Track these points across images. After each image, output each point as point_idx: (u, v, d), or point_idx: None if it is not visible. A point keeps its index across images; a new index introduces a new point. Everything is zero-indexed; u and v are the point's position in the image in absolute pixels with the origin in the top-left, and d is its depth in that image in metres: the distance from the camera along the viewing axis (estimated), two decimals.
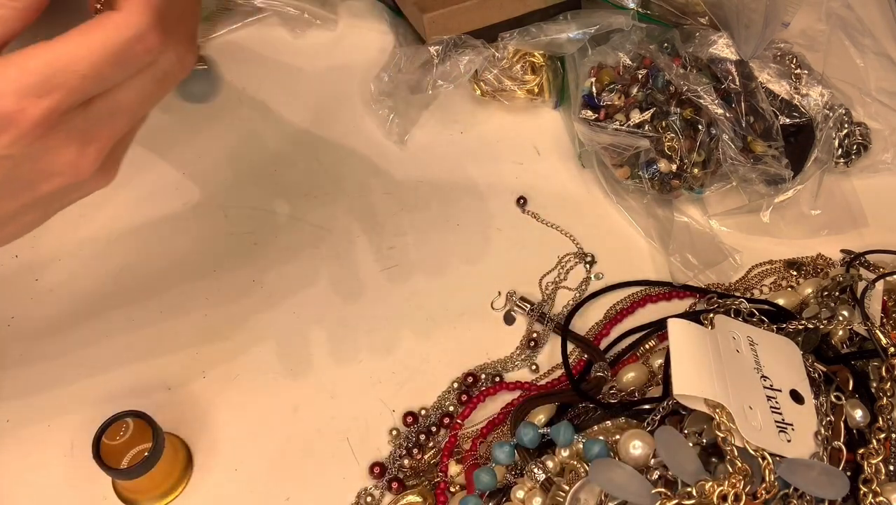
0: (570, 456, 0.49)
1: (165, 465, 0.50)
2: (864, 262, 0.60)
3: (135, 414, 0.50)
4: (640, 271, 0.62)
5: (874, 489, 0.47)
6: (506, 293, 0.61)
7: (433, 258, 0.63)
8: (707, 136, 0.62)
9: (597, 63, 0.66)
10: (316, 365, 0.58)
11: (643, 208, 0.64)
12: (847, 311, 0.54)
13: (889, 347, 0.52)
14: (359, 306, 0.61)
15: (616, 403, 0.54)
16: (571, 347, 0.58)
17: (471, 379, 0.57)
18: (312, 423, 0.56)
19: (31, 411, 0.56)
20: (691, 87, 0.62)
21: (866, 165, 0.67)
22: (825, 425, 0.49)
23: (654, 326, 0.59)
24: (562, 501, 0.46)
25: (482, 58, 0.66)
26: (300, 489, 0.53)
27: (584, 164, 0.67)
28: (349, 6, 0.77)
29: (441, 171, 0.68)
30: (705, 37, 0.65)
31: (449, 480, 0.53)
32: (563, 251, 0.63)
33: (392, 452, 0.54)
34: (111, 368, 0.57)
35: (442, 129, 0.70)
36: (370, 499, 0.53)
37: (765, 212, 0.63)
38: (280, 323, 0.60)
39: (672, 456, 0.45)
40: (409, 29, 0.72)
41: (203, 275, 0.62)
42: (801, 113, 0.65)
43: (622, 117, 0.63)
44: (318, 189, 0.66)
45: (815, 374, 0.52)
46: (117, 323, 0.59)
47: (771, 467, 0.46)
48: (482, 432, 0.55)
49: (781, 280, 0.62)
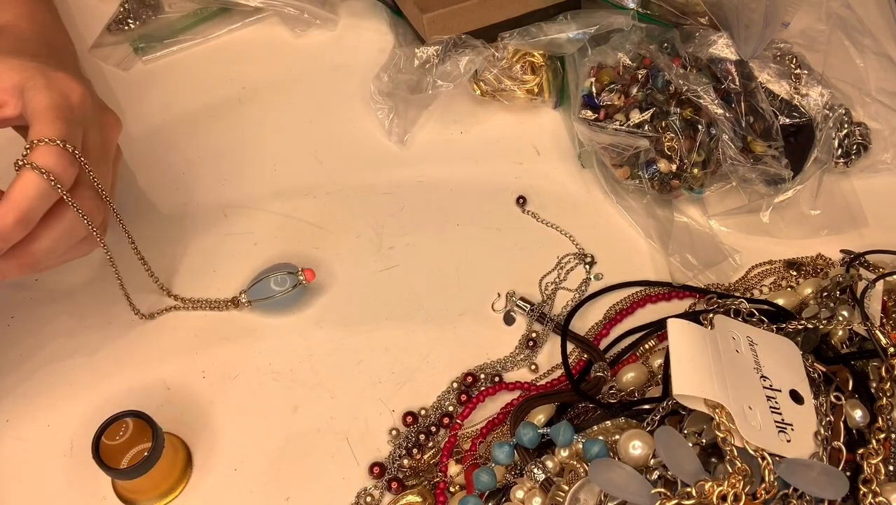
0: (570, 456, 0.49)
1: (165, 465, 0.50)
2: (863, 262, 0.60)
3: (135, 414, 0.50)
4: (639, 272, 0.62)
5: (874, 489, 0.47)
6: (506, 293, 0.61)
7: (433, 258, 0.63)
8: (707, 136, 0.62)
9: (597, 63, 0.66)
10: (316, 365, 0.58)
11: (643, 208, 0.64)
12: (847, 311, 0.54)
13: (889, 347, 0.52)
14: (359, 306, 0.61)
15: (616, 403, 0.54)
16: (571, 347, 0.58)
17: (470, 379, 0.57)
18: (312, 423, 0.56)
19: (31, 411, 0.56)
20: (691, 87, 0.62)
21: (866, 165, 0.67)
22: (825, 425, 0.49)
23: (653, 327, 0.59)
24: (561, 501, 0.46)
25: (482, 58, 0.66)
26: (300, 489, 0.53)
27: (584, 164, 0.67)
28: (349, 6, 0.77)
29: (441, 171, 0.68)
30: (705, 37, 0.65)
31: (449, 480, 0.53)
32: (562, 251, 0.63)
33: (392, 452, 0.54)
34: (111, 369, 0.58)
35: (442, 129, 0.70)
36: (370, 499, 0.53)
37: (765, 212, 0.63)
38: (280, 323, 0.60)
39: (672, 456, 0.45)
40: (409, 29, 0.72)
41: (203, 274, 0.62)
42: (801, 113, 0.65)
43: (622, 117, 0.63)
44: (318, 189, 0.66)
45: (815, 374, 0.52)
46: (117, 323, 0.59)
47: (771, 467, 0.46)
48: (482, 432, 0.55)
49: (781, 280, 0.62)
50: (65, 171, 0.48)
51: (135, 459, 0.48)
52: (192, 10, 0.76)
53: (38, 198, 0.47)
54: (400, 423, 0.56)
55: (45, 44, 0.61)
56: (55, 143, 0.48)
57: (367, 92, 0.70)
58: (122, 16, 0.75)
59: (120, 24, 0.75)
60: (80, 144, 0.51)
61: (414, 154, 0.69)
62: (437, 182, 0.67)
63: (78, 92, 0.52)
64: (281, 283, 0.58)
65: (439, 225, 0.65)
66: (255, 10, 0.75)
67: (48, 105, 0.49)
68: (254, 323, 0.60)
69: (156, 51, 0.74)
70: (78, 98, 0.52)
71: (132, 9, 0.75)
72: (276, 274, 0.59)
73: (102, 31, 0.75)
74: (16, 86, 0.51)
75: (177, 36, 0.75)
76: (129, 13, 0.75)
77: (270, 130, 0.70)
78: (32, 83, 0.51)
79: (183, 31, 0.75)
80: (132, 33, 0.75)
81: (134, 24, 0.75)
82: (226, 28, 0.76)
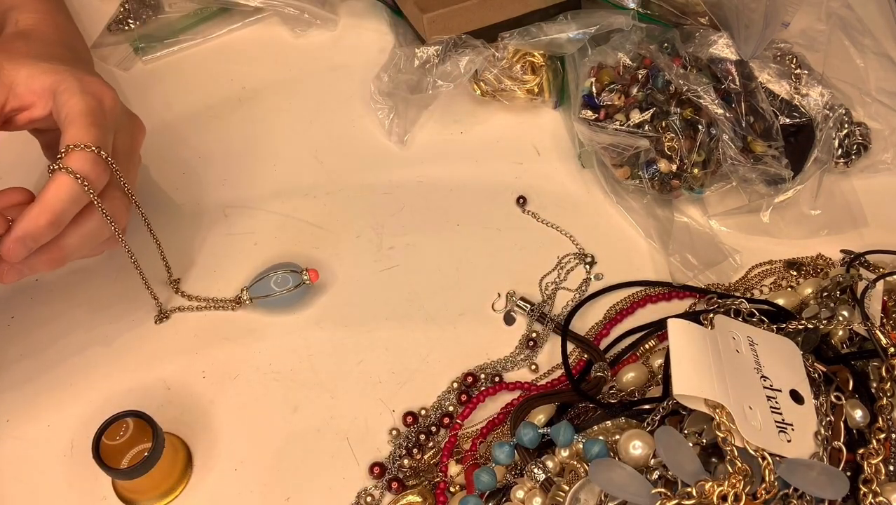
0: (570, 456, 0.49)
1: (165, 465, 0.50)
2: (864, 262, 0.60)
3: (135, 414, 0.50)
4: (639, 272, 0.62)
5: (874, 489, 0.47)
6: (506, 293, 0.61)
7: (433, 258, 0.63)
8: (707, 136, 0.62)
9: (597, 63, 0.66)
10: (316, 365, 0.58)
11: (643, 208, 0.64)
12: (847, 311, 0.54)
13: (889, 347, 0.52)
14: (359, 306, 0.61)
15: (616, 403, 0.54)
16: (571, 347, 0.58)
17: (470, 379, 0.57)
18: (312, 423, 0.56)
19: (31, 411, 0.56)
20: (691, 87, 0.62)
21: (866, 165, 0.67)
22: (825, 425, 0.49)
23: (653, 327, 0.59)
24: (562, 501, 0.46)
25: (482, 58, 0.66)
26: (300, 489, 0.53)
27: (584, 164, 0.67)
28: (349, 6, 0.77)
29: (441, 171, 0.68)
30: (705, 37, 0.65)
31: (449, 480, 0.53)
32: (562, 251, 0.63)
33: (392, 452, 0.54)
34: (111, 369, 0.57)
35: (442, 129, 0.70)
36: (370, 499, 0.53)
37: (765, 212, 0.63)
38: (280, 323, 0.60)
39: (672, 456, 0.45)
40: (409, 29, 0.72)
41: (203, 274, 0.62)
42: (801, 113, 0.65)
43: (622, 117, 0.63)
44: (318, 189, 0.66)
45: (815, 374, 0.52)
46: (117, 323, 0.59)
47: (771, 467, 0.46)
48: (482, 432, 0.55)
49: (781, 280, 0.62)
50: (98, 176, 0.50)
51: (135, 459, 0.48)
52: (192, 10, 0.76)
53: (71, 201, 0.49)
54: (400, 423, 0.56)
55: (68, 48, 0.62)
56: (90, 150, 0.49)
57: (367, 92, 0.70)
58: (123, 16, 0.75)
59: (120, 24, 0.75)
60: (111, 149, 0.52)
61: (414, 154, 0.69)
62: (437, 182, 0.67)
63: (110, 97, 0.53)
64: (283, 282, 0.58)
65: (439, 225, 0.65)
66: (255, 10, 0.75)
67: (83, 110, 0.51)
68: (254, 323, 0.60)
69: (156, 51, 0.74)
70: (110, 103, 0.53)
71: (132, 9, 0.75)
72: (280, 272, 0.59)
73: (102, 31, 0.75)
74: (47, 89, 0.52)
75: (177, 36, 0.75)
76: (130, 13, 0.75)
77: (270, 130, 0.70)
78: (65, 86, 0.52)
79: (183, 31, 0.75)
80: (132, 33, 0.75)
81: (134, 24, 0.75)
82: (226, 28, 0.76)
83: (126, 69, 0.74)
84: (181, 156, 0.68)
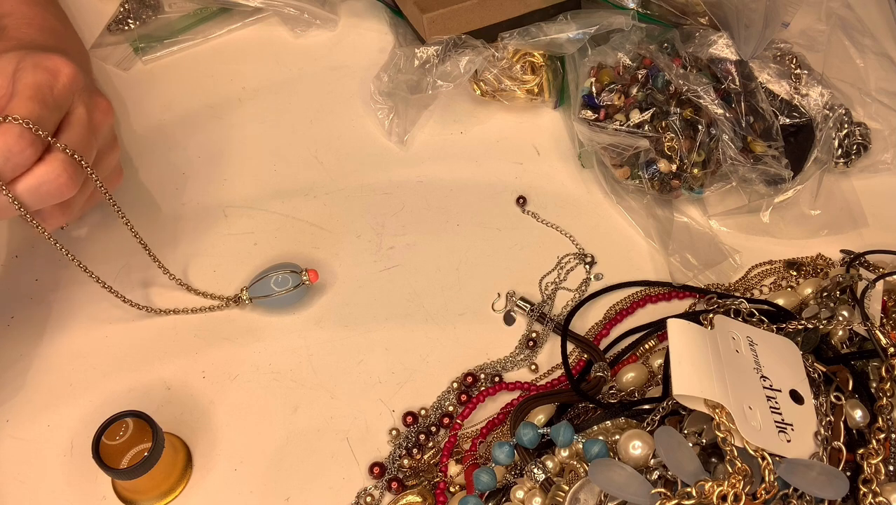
0: (570, 456, 0.49)
1: (165, 465, 0.50)
2: (863, 262, 0.60)
3: (135, 414, 0.50)
4: (639, 272, 0.62)
5: (874, 489, 0.47)
6: (506, 293, 0.61)
7: (433, 258, 0.63)
8: (707, 136, 0.62)
9: (597, 63, 0.66)
10: (316, 365, 0.58)
11: (643, 208, 0.64)
12: (847, 311, 0.54)
13: (889, 348, 0.52)
14: (359, 306, 0.61)
15: (616, 403, 0.54)
16: (571, 347, 0.58)
17: (470, 379, 0.57)
18: (312, 423, 0.56)
19: (31, 411, 0.56)
20: (691, 87, 0.62)
21: (866, 165, 0.67)
22: (825, 425, 0.49)
23: (653, 327, 0.59)
24: (561, 501, 0.46)
25: (482, 58, 0.66)
26: (300, 489, 0.53)
27: (584, 164, 0.67)
28: (349, 6, 0.77)
29: (441, 171, 0.68)
30: (705, 37, 0.65)
31: (449, 480, 0.53)
32: (562, 251, 0.63)
33: (392, 452, 0.54)
34: (111, 369, 0.58)
35: (442, 129, 0.70)
36: (370, 499, 0.53)
37: (765, 212, 0.63)
38: (279, 323, 0.60)
39: (672, 456, 0.45)
40: (409, 29, 0.72)
41: (203, 274, 0.62)
42: (801, 113, 0.65)
43: (622, 117, 0.63)
44: (318, 189, 0.66)
45: (815, 374, 0.52)
46: (117, 323, 0.59)
47: (771, 467, 0.46)
48: (482, 432, 0.55)
49: (781, 280, 0.62)
50: (22, 150, 0.48)
51: (135, 459, 0.48)
52: (192, 10, 0.76)
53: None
54: (400, 423, 0.56)
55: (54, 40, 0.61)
56: (19, 122, 0.48)
57: (367, 92, 0.70)
58: (122, 16, 0.75)
59: (120, 24, 0.75)
60: (55, 125, 0.50)
61: (414, 154, 0.69)
62: (437, 182, 0.67)
63: (66, 74, 0.51)
64: (283, 282, 0.58)
65: (439, 225, 0.65)
66: (255, 10, 0.75)
67: (29, 83, 0.50)
68: (254, 323, 0.60)
69: (156, 51, 0.74)
70: (65, 80, 0.51)
71: (132, 9, 0.75)
72: (280, 273, 0.59)
73: (102, 31, 0.75)
74: (11, 74, 0.51)
75: (177, 36, 0.75)
76: (129, 13, 0.75)
77: (270, 130, 0.70)
78: (23, 64, 0.51)
79: (183, 31, 0.75)
80: (132, 33, 0.75)
81: (134, 24, 0.75)
82: (226, 28, 0.76)
83: (126, 69, 0.74)
84: (181, 156, 0.68)
